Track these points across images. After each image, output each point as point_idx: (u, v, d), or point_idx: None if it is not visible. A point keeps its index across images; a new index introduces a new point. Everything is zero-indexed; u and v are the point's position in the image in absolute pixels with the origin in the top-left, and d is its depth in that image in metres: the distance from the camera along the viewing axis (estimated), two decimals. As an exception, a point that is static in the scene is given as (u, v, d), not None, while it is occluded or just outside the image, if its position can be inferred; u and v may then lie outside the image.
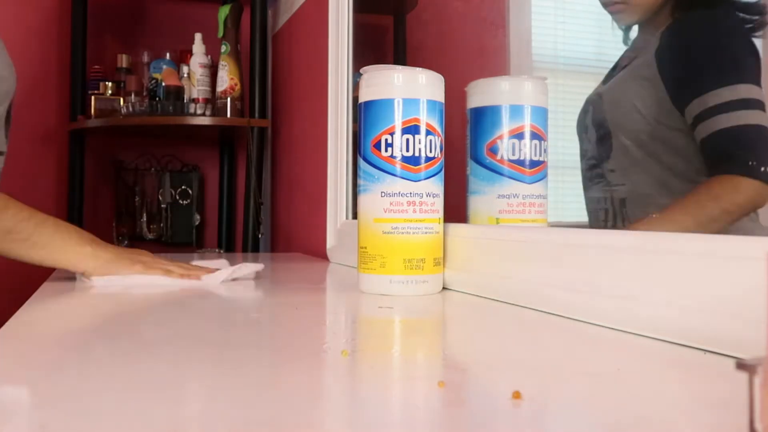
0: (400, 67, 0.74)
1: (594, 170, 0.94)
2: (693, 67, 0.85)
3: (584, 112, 0.96)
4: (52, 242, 0.81)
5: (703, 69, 0.84)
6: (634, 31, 0.94)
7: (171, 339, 0.52)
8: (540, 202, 0.80)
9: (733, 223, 0.83)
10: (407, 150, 0.71)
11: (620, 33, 0.94)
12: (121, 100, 1.73)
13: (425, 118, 0.72)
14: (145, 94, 1.76)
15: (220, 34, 1.69)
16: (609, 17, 0.95)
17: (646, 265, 0.50)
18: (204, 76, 1.71)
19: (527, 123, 0.79)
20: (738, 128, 0.81)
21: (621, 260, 0.52)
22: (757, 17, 0.81)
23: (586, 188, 0.97)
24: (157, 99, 1.71)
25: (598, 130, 0.94)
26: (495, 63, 1.17)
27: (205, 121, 1.68)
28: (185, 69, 1.75)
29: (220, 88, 1.69)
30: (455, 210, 0.81)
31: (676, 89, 0.83)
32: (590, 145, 0.95)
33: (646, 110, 0.87)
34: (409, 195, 0.71)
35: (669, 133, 0.85)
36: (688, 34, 0.86)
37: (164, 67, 1.75)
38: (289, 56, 1.79)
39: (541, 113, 0.80)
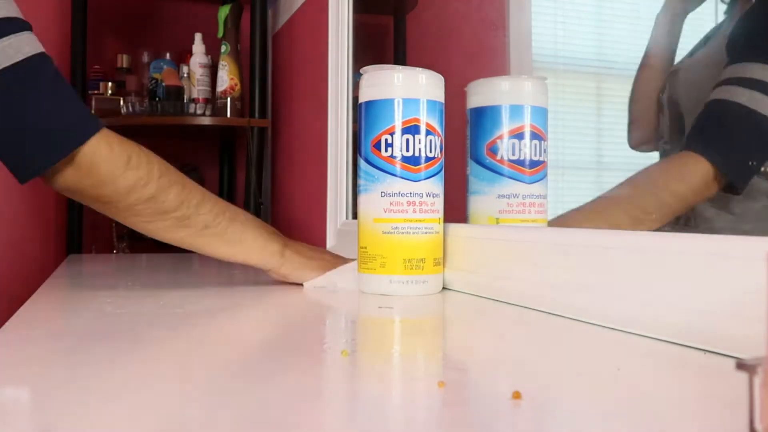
0: (400, 67, 0.74)
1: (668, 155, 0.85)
2: (742, 46, 0.75)
3: (661, 90, 0.86)
4: (244, 239, 0.78)
5: (745, 45, 0.75)
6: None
7: (171, 339, 0.52)
8: (540, 202, 0.80)
9: (688, 206, 0.76)
10: (407, 150, 0.71)
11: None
12: (121, 100, 1.73)
13: (425, 118, 0.72)
14: (145, 94, 1.76)
15: (220, 34, 1.69)
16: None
17: (646, 265, 0.50)
18: (204, 76, 1.71)
19: (527, 123, 0.79)
20: (720, 102, 0.74)
21: (621, 260, 0.52)
22: None
23: None
24: (157, 99, 1.71)
25: (673, 110, 0.85)
26: (495, 63, 1.17)
27: (205, 121, 1.68)
28: (185, 69, 1.75)
29: (220, 88, 1.69)
30: (455, 210, 0.81)
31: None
32: (665, 127, 0.86)
33: None
34: (409, 195, 0.71)
35: None
36: (758, 18, 0.77)
37: (164, 67, 1.75)
38: (289, 56, 1.78)
39: (541, 113, 0.80)
